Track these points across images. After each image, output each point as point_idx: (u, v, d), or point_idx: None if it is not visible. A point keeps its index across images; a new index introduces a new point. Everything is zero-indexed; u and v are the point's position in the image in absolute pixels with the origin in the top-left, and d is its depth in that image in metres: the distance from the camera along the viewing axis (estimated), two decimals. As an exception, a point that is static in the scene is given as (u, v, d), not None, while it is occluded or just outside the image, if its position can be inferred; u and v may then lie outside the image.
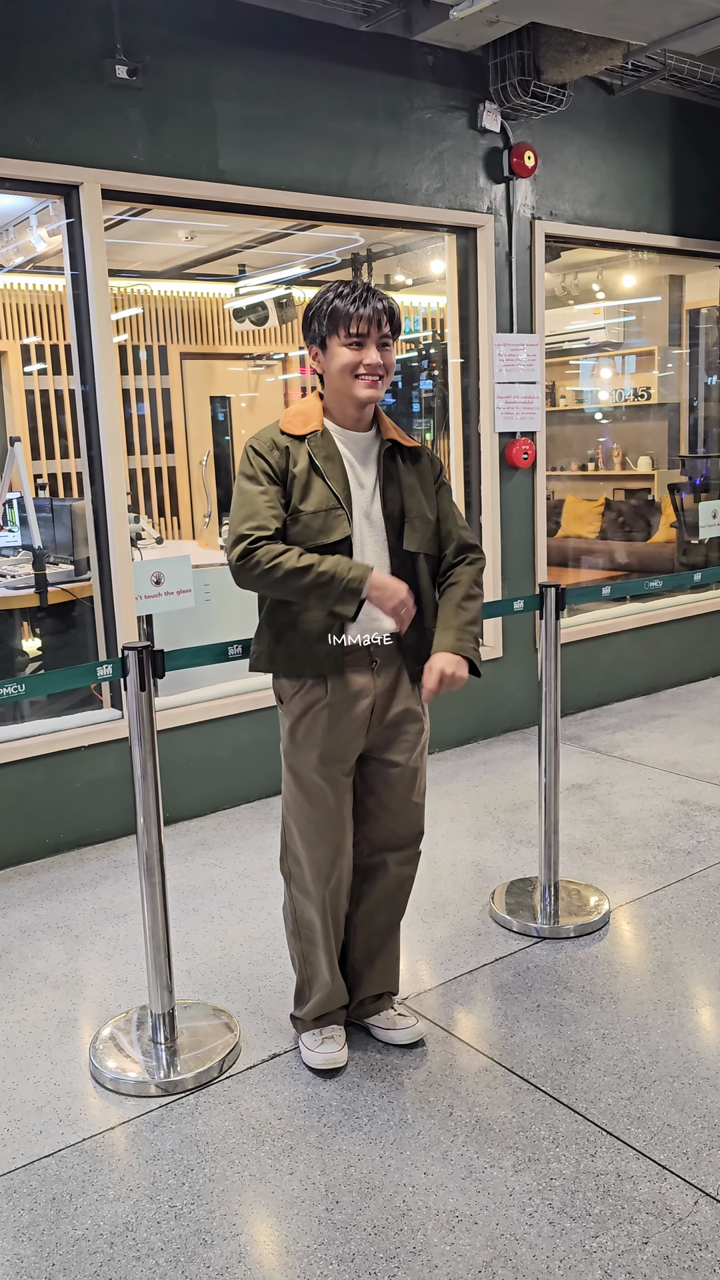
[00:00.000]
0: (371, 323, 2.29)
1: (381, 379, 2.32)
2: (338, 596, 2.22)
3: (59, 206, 3.75)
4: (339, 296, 2.31)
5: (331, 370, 2.33)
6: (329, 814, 2.40)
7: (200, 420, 8.02)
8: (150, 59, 3.72)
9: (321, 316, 2.32)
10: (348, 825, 2.45)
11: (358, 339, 2.29)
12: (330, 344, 2.32)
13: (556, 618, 3.15)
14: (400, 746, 2.46)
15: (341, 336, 2.30)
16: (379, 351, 2.31)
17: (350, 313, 2.28)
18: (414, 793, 2.52)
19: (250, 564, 2.23)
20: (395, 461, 2.40)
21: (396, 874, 2.57)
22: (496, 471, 4.91)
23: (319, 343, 2.35)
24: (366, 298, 2.30)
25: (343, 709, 2.35)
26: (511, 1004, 2.76)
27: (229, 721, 4.25)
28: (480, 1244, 1.95)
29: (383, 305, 2.31)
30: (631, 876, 3.50)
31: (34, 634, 4.98)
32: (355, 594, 2.22)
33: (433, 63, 4.43)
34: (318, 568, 2.21)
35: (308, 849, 2.42)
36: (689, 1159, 2.15)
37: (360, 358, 2.30)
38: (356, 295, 2.30)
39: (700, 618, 5.96)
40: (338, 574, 2.21)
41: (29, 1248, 1.99)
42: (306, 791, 2.39)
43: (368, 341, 2.30)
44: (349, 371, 2.30)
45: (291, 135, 4.09)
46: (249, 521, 2.26)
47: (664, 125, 5.31)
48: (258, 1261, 1.94)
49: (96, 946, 3.18)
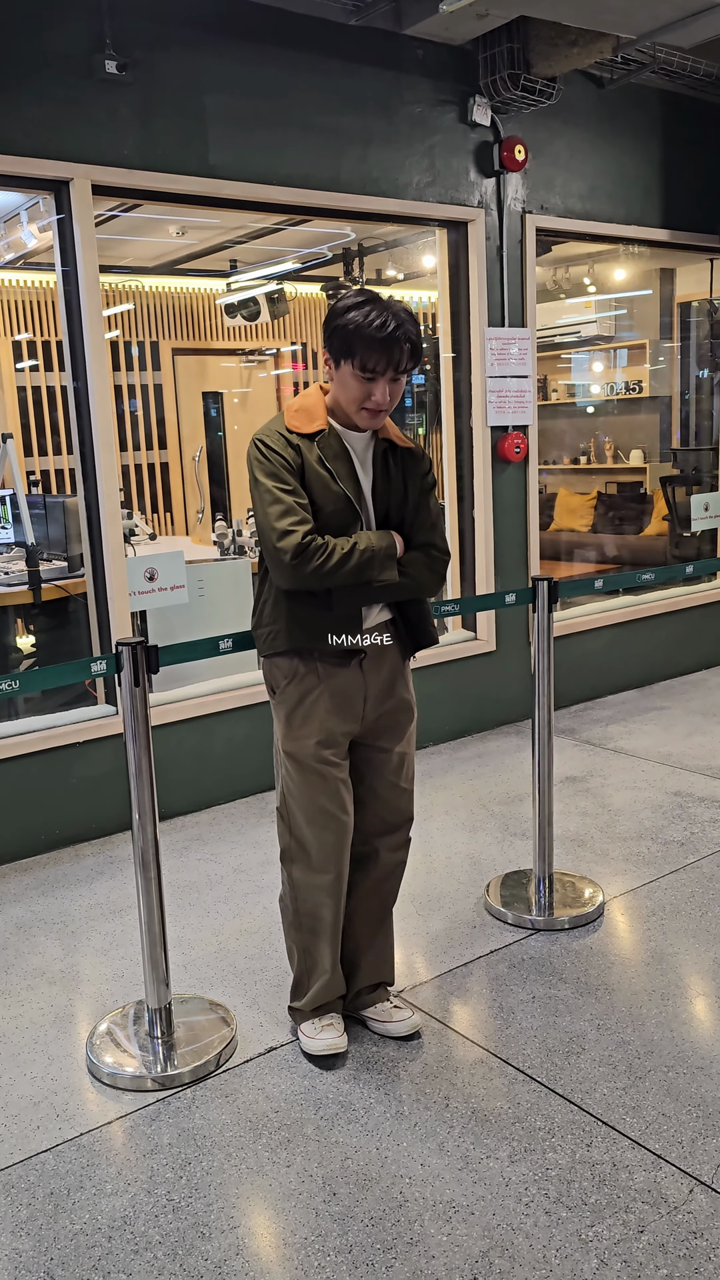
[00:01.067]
0: (390, 364, 2.23)
1: (384, 411, 2.31)
2: (380, 565, 2.31)
3: (49, 202, 3.74)
4: (366, 323, 2.19)
5: (338, 388, 2.31)
6: (332, 796, 2.42)
7: (193, 416, 8.01)
8: (140, 54, 3.71)
9: (341, 336, 2.24)
10: (350, 807, 2.47)
11: (370, 375, 2.24)
12: (343, 365, 2.27)
13: (549, 611, 3.16)
14: (392, 733, 2.51)
15: (355, 366, 2.24)
16: (389, 386, 2.26)
17: (370, 348, 2.20)
18: (402, 778, 2.56)
19: (305, 558, 2.23)
20: (388, 461, 2.41)
21: (388, 860, 2.60)
22: (489, 466, 4.92)
23: (334, 356, 2.29)
24: (394, 336, 2.19)
25: (337, 692, 2.38)
26: (507, 996, 2.77)
27: (223, 717, 4.26)
28: (477, 1234, 1.96)
29: (407, 346, 2.22)
30: (625, 868, 3.52)
31: (28, 630, 4.98)
32: (392, 558, 2.33)
33: (423, 56, 4.43)
34: (359, 546, 2.28)
35: (314, 832, 2.43)
36: (684, 1148, 2.16)
37: (368, 391, 2.26)
38: (385, 333, 2.18)
39: (692, 610, 5.98)
40: (375, 546, 2.30)
41: (27, 1242, 2.00)
42: (310, 776, 2.41)
43: (380, 379, 2.25)
44: (353, 401, 2.29)
45: (282, 130, 4.09)
46: (288, 518, 2.25)
47: (654, 118, 5.32)
48: (256, 1254, 1.95)
49: (93, 942, 3.19)
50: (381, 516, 2.39)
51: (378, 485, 2.39)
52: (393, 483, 2.40)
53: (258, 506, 2.32)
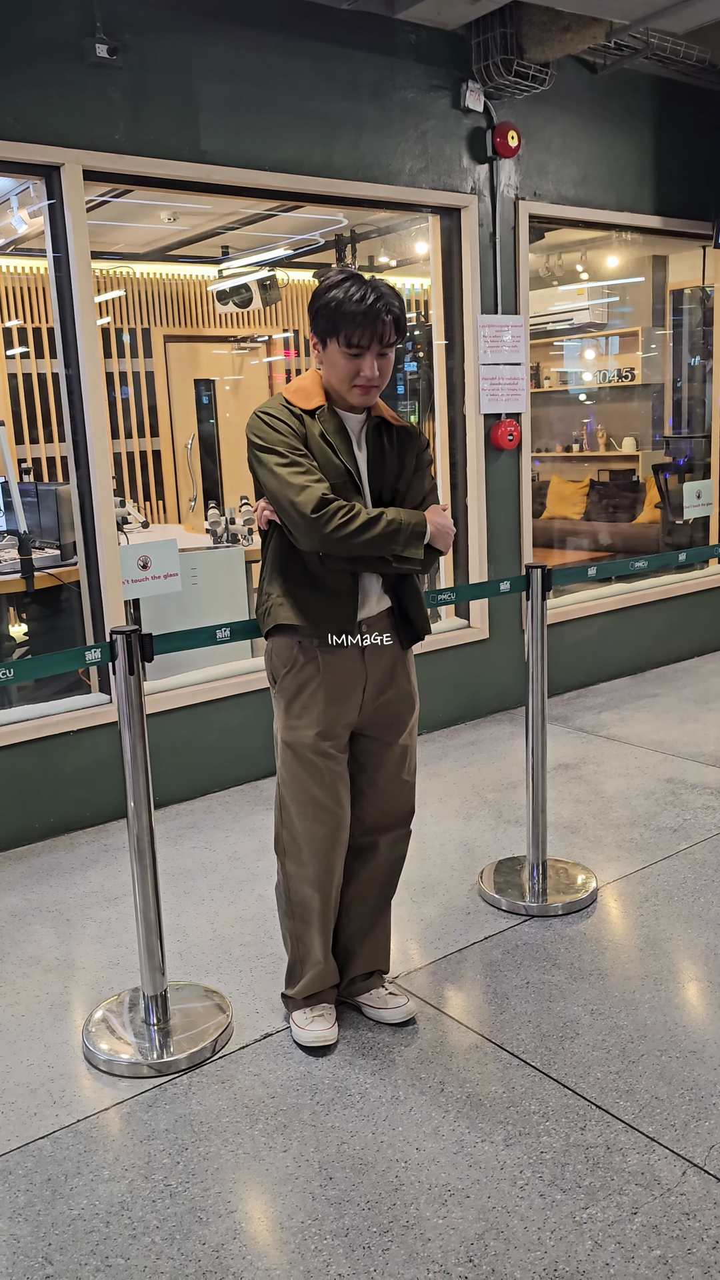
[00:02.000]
0: (374, 337, 2.24)
1: (376, 387, 2.31)
2: (405, 541, 2.29)
3: (40, 188, 3.72)
4: (348, 299, 2.22)
5: (328, 369, 2.32)
6: (327, 788, 2.42)
7: (185, 403, 7.98)
8: (130, 38, 3.68)
9: (326, 315, 2.26)
10: (346, 800, 2.47)
11: (356, 350, 2.26)
12: (329, 344, 2.28)
13: (543, 599, 3.16)
14: (393, 726, 2.50)
15: (341, 341, 2.25)
16: (377, 360, 2.28)
17: (354, 322, 2.22)
18: (404, 771, 2.55)
19: (329, 515, 2.21)
20: (382, 439, 2.42)
21: (388, 853, 2.60)
22: (482, 453, 4.91)
23: (320, 337, 2.31)
24: (376, 309, 2.22)
25: (336, 682, 2.38)
26: (501, 981, 2.78)
27: (218, 705, 4.26)
28: (472, 1217, 1.98)
29: (389, 318, 2.24)
30: (618, 854, 3.53)
31: (20, 619, 4.97)
32: (420, 536, 2.32)
33: (415, 41, 4.40)
34: (386, 516, 2.27)
35: (307, 824, 2.44)
36: (677, 1130, 2.18)
37: (357, 368, 2.27)
38: (366, 305, 2.21)
39: (685, 598, 5.99)
40: (403, 520, 2.28)
41: (25, 1228, 2.01)
42: (305, 767, 2.41)
43: (367, 353, 2.26)
44: (345, 379, 2.29)
45: (274, 115, 4.07)
46: (305, 476, 2.24)
47: (647, 104, 5.30)
48: (253, 1238, 1.96)
49: (88, 930, 3.20)
50: (376, 494, 2.39)
51: (373, 463, 2.39)
52: (387, 460, 2.40)
53: (266, 473, 2.28)
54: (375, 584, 2.40)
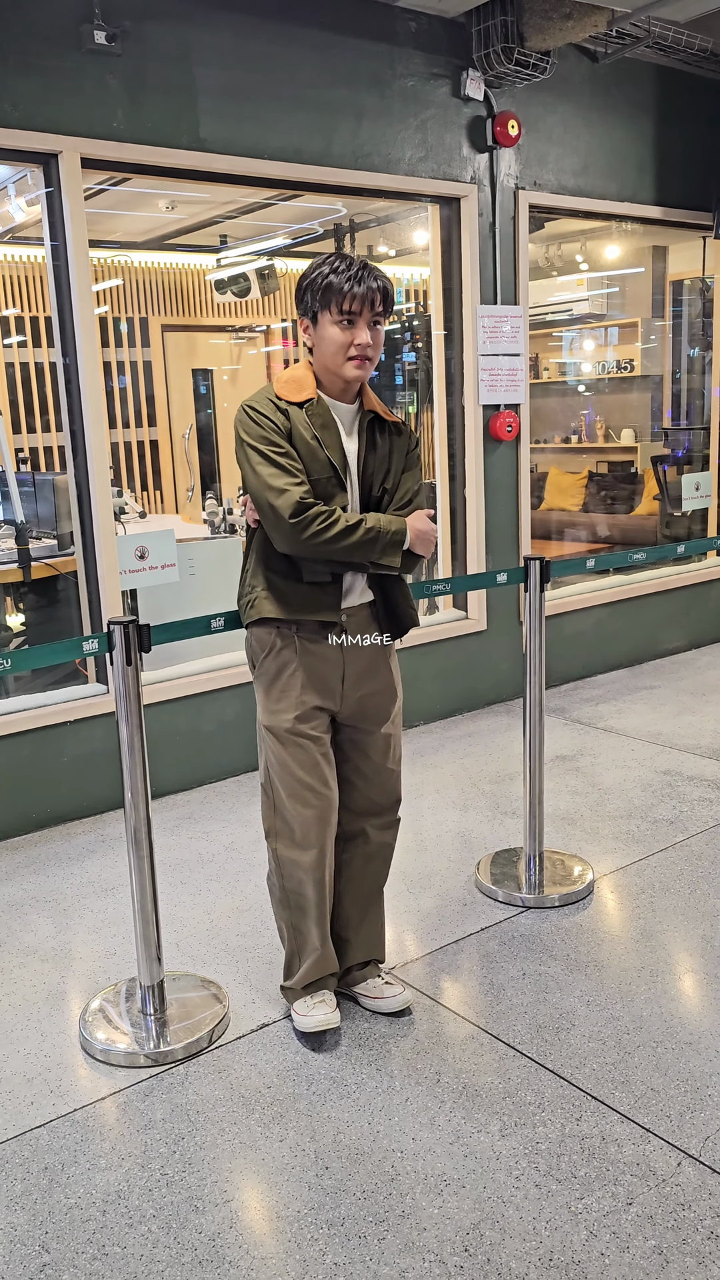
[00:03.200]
0: (365, 302, 2.27)
1: (370, 359, 2.32)
2: (382, 549, 2.30)
3: (37, 175, 3.70)
4: (333, 271, 2.28)
5: (320, 346, 2.33)
6: (312, 770, 2.43)
7: (182, 393, 7.96)
8: (129, 24, 3.66)
9: (315, 290, 2.30)
10: (333, 783, 2.48)
11: (349, 317, 2.28)
12: (321, 319, 2.31)
13: (541, 590, 3.16)
14: (375, 716, 2.52)
15: (333, 313, 2.28)
16: (369, 331, 2.30)
17: (344, 290, 2.26)
18: (389, 759, 2.57)
19: (306, 521, 2.22)
20: (375, 433, 2.42)
21: (377, 840, 2.61)
22: (480, 444, 4.90)
23: (310, 316, 2.34)
24: (361, 275, 2.27)
25: (314, 669, 2.40)
26: (497, 972, 2.79)
27: (215, 695, 4.26)
28: (468, 1206, 1.98)
29: (377, 284, 2.28)
30: (615, 846, 3.54)
31: (17, 609, 4.96)
32: (399, 544, 2.32)
33: (415, 29, 4.38)
34: (365, 524, 2.28)
35: (296, 808, 2.44)
36: (672, 1121, 2.18)
37: (351, 337, 2.29)
38: (351, 273, 2.27)
39: (683, 590, 5.99)
40: (382, 528, 2.29)
41: (22, 1216, 2.01)
42: (288, 750, 2.42)
43: (359, 320, 2.29)
44: (340, 350, 2.30)
45: (273, 103, 4.05)
46: (284, 477, 2.25)
47: (648, 94, 5.28)
48: (249, 1227, 1.96)
49: (85, 920, 3.20)
50: (366, 488, 2.39)
51: (364, 455, 2.39)
52: (379, 453, 2.41)
53: (248, 470, 2.30)
54: (360, 579, 2.42)
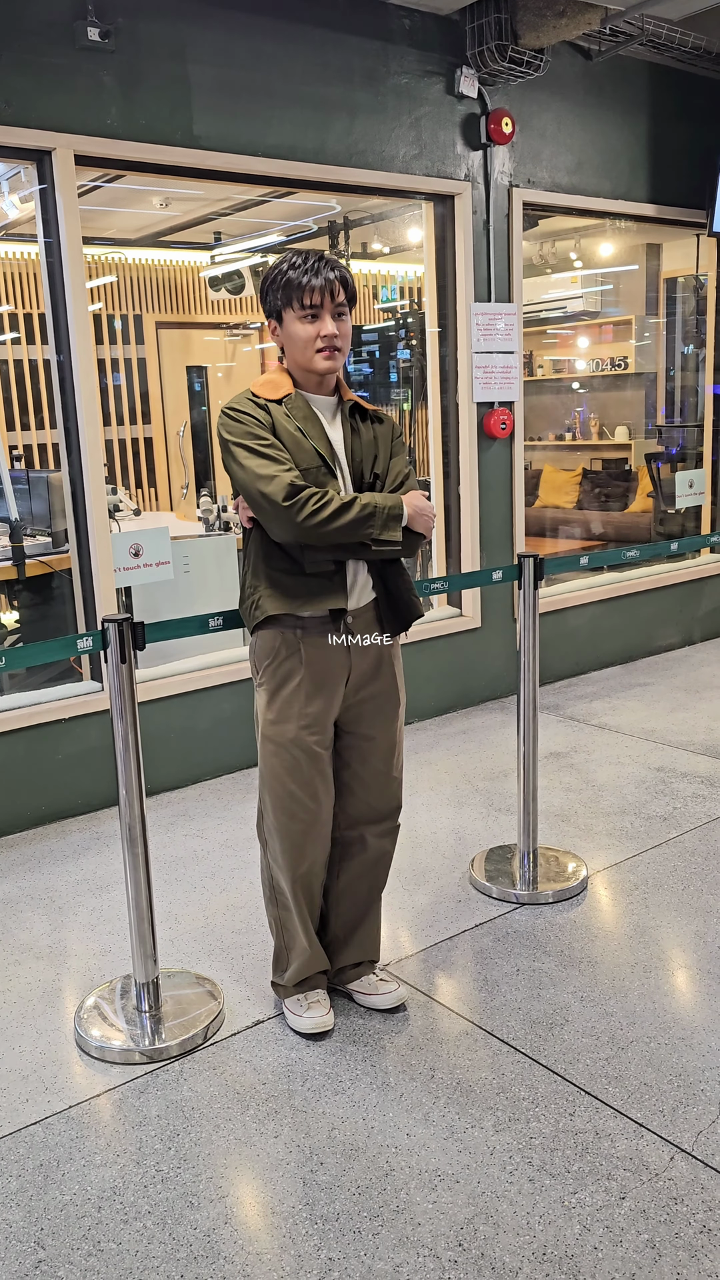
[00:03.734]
0: (324, 293, 2.28)
1: (339, 350, 2.33)
2: (382, 524, 2.28)
3: (31, 172, 3.69)
4: (291, 268, 2.29)
5: (290, 344, 2.34)
6: (305, 784, 2.41)
7: (177, 390, 7.95)
8: (123, 21, 3.65)
9: (275, 289, 2.31)
10: (324, 798, 2.46)
11: (312, 311, 2.29)
12: (286, 317, 2.32)
13: (535, 588, 3.16)
14: (378, 720, 2.49)
15: (296, 309, 2.29)
16: (335, 322, 2.31)
17: (303, 284, 2.27)
18: (391, 767, 2.54)
19: (300, 503, 2.21)
20: (357, 421, 2.43)
21: (375, 847, 2.59)
22: (475, 442, 4.91)
23: (275, 316, 2.35)
24: (319, 268, 2.28)
25: (320, 674, 2.37)
26: (491, 969, 2.80)
27: (209, 693, 4.26)
28: (462, 1201, 1.99)
29: (335, 275, 2.29)
30: (609, 843, 3.55)
31: (12, 607, 4.95)
32: (398, 519, 2.31)
33: (409, 26, 4.38)
34: (360, 500, 2.27)
35: (282, 820, 2.43)
36: (665, 1116, 2.19)
37: (317, 330, 2.30)
38: (308, 266, 2.28)
39: (676, 587, 6.00)
40: (378, 504, 2.28)
41: (17, 1213, 2.02)
42: (284, 762, 2.40)
43: (322, 313, 2.29)
44: (307, 344, 2.31)
45: (267, 100, 4.04)
46: (272, 465, 2.24)
47: (642, 91, 5.28)
48: (244, 1222, 1.97)
49: (80, 917, 3.20)
50: (356, 475, 2.38)
51: (350, 442, 2.39)
52: (363, 439, 2.40)
53: (235, 467, 2.29)
54: (362, 571, 2.39)
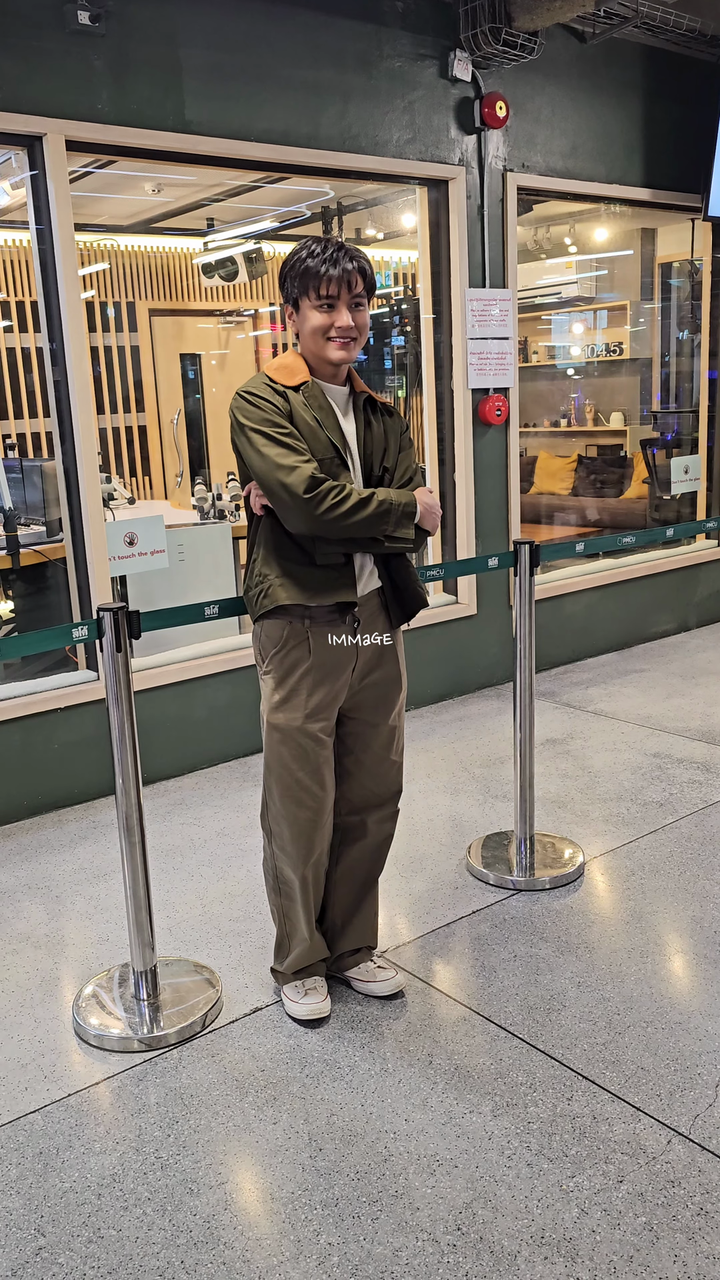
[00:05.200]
0: (342, 284, 2.26)
1: (355, 340, 2.31)
2: (396, 521, 2.30)
3: (22, 158, 3.67)
4: (310, 255, 2.27)
5: (304, 331, 2.32)
6: (313, 772, 2.42)
7: (170, 378, 7.92)
8: (113, 4, 3.62)
9: (293, 276, 2.30)
10: (330, 784, 2.47)
11: (328, 301, 2.27)
12: (302, 305, 2.30)
13: (530, 575, 3.16)
14: (381, 707, 2.49)
15: (312, 298, 2.28)
16: (351, 313, 2.29)
17: (320, 273, 2.25)
18: (392, 751, 2.55)
19: (320, 496, 2.20)
20: (369, 413, 2.42)
21: (376, 833, 2.61)
22: (470, 428, 4.90)
23: (292, 302, 2.33)
24: (337, 257, 2.26)
25: (326, 662, 2.37)
26: (489, 955, 2.80)
27: (205, 681, 4.26)
28: (461, 1186, 2.00)
29: (354, 265, 2.27)
30: (605, 829, 3.56)
31: (6, 596, 4.94)
32: (411, 516, 2.34)
33: (402, 9, 4.35)
34: (377, 497, 2.27)
35: (290, 808, 2.43)
36: (662, 1100, 2.20)
37: (332, 320, 2.28)
38: (327, 255, 2.26)
39: (672, 573, 6.00)
40: (393, 500, 2.29)
41: (17, 1201, 2.02)
42: (291, 750, 2.40)
43: (339, 303, 2.28)
44: (320, 334, 2.30)
45: (259, 84, 4.01)
46: (293, 455, 2.23)
47: (637, 74, 5.25)
48: (243, 1208, 1.98)
49: (77, 906, 3.20)
50: (367, 467, 2.38)
51: (362, 435, 2.39)
52: (375, 434, 2.40)
53: (253, 454, 2.26)
54: (369, 561, 2.41)
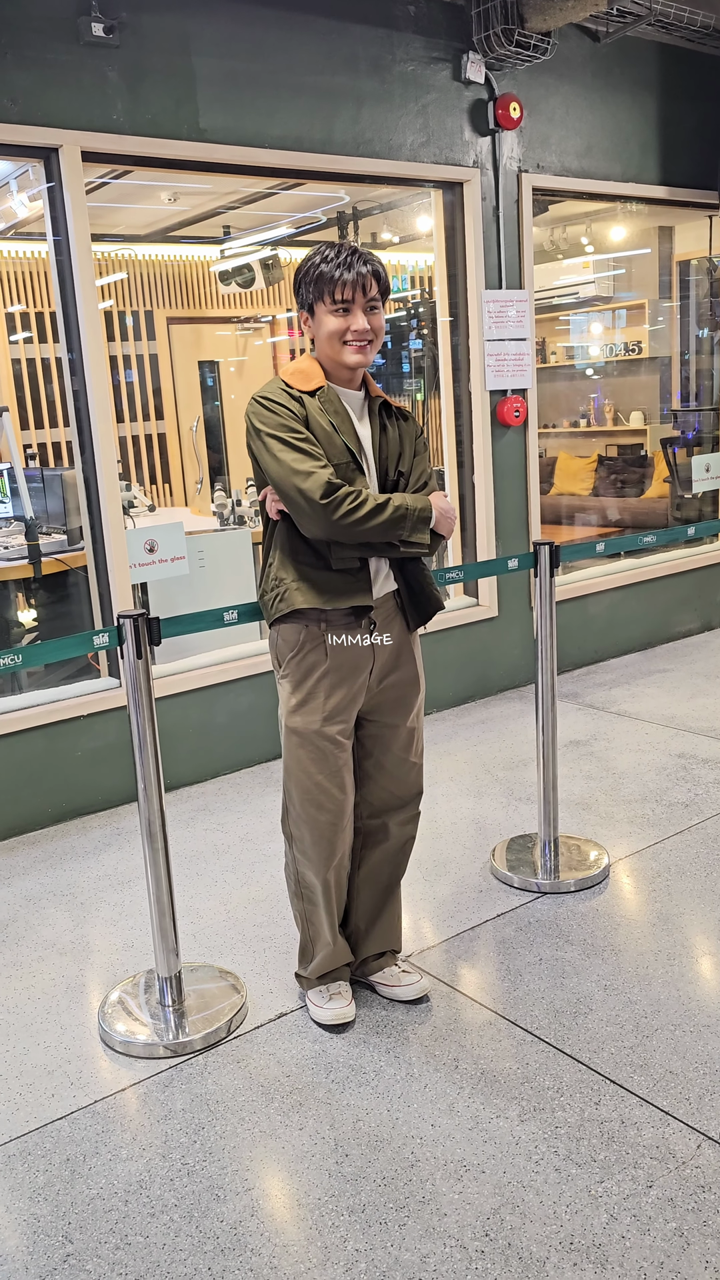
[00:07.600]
0: (357, 288, 2.26)
1: (370, 344, 2.31)
2: (412, 526, 2.30)
3: (39, 170, 3.69)
4: (324, 260, 2.28)
5: (320, 336, 2.32)
6: (332, 775, 2.42)
7: (189, 386, 7.95)
8: (126, 15, 3.64)
9: (308, 281, 2.30)
10: (349, 787, 2.46)
11: (344, 305, 2.28)
12: (318, 310, 2.31)
13: (551, 575, 3.15)
14: (399, 708, 2.49)
15: (328, 303, 2.28)
16: (367, 316, 2.29)
17: (335, 278, 2.26)
18: (412, 753, 2.54)
19: (337, 502, 2.21)
20: (384, 418, 2.42)
21: (398, 835, 2.60)
22: (488, 430, 4.88)
23: (307, 308, 2.34)
24: (351, 261, 2.26)
25: (343, 665, 2.37)
26: (514, 958, 2.79)
27: (227, 687, 4.26)
28: (488, 1192, 1.99)
29: (368, 269, 2.28)
30: (630, 830, 3.53)
31: (29, 605, 4.97)
32: (426, 522, 2.33)
33: (414, 13, 4.35)
34: (393, 502, 2.27)
35: (310, 811, 2.43)
36: (691, 1104, 2.18)
37: (347, 324, 2.29)
38: (341, 259, 2.26)
39: (694, 572, 5.96)
40: (409, 506, 2.29)
41: (45, 1208, 2.03)
42: (310, 753, 2.40)
43: (354, 307, 2.28)
44: (337, 338, 2.30)
45: (273, 91, 4.03)
46: (309, 461, 2.23)
47: (651, 72, 5.23)
48: (270, 1215, 1.97)
49: (102, 913, 3.21)
50: (382, 471, 2.38)
51: (378, 440, 2.39)
52: (390, 438, 2.40)
53: (269, 459, 2.26)
54: (384, 564, 2.41)
